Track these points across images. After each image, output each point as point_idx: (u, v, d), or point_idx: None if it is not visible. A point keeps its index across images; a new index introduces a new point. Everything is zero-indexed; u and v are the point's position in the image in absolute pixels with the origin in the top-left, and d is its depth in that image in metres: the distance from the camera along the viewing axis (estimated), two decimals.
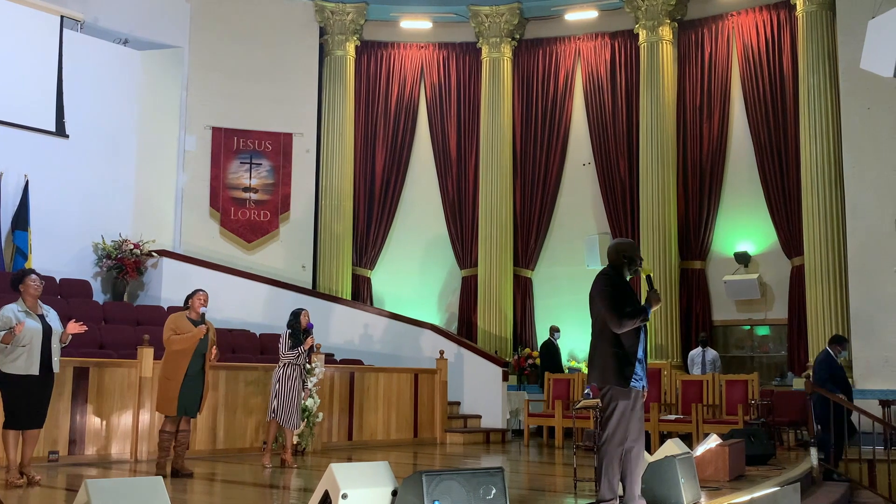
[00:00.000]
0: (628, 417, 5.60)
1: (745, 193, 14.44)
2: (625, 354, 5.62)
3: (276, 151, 15.22)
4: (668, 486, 5.98)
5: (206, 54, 14.82)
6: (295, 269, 15.04)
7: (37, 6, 13.15)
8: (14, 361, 6.98)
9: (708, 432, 9.64)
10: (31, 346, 7.02)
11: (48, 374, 7.20)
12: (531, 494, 7.23)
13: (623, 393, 5.59)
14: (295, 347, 9.03)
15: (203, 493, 7.33)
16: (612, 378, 5.62)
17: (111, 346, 10.80)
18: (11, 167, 12.50)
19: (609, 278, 5.80)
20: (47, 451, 8.56)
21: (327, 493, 4.77)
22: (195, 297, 8.25)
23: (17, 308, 7.12)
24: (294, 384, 9.01)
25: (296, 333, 9.10)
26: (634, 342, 5.67)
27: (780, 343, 14.28)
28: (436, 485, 4.66)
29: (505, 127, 15.64)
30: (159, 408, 8.06)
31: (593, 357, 5.78)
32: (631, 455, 5.60)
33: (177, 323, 8.04)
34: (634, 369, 5.63)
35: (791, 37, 14.09)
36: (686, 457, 6.32)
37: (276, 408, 8.96)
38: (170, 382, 7.89)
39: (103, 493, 3.92)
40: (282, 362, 9.06)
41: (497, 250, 15.38)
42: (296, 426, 9.10)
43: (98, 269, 13.34)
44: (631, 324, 5.62)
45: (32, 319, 7.13)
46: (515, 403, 13.61)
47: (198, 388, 8.02)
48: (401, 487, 4.80)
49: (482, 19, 15.78)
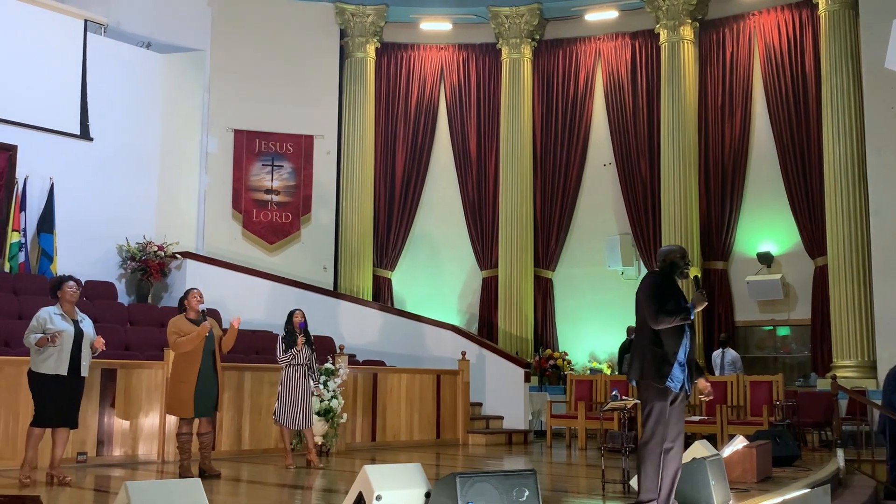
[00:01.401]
0: (667, 418, 5.60)
1: (768, 193, 14.38)
2: (663, 353, 5.65)
3: (298, 153, 15.28)
4: (698, 488, 5.97)
5: (227, 57, 14.90)
6: (316, 270, 15.09)
7: (61, 10, 13.26)
8: (44, 361, 7.15)
9: (733, 433, 9.64)
10: (62, 347, 7.16)
11: (77, 376, 7.29)
12: (558, 496, 7.22)
13: (660, 393, 5.61)
14: (289, 350, 8.99)
15: (229, 493, 7.37)
16: (648, 374, 5.66)
17: (136, 347, 10.87)
18: (37, 170, 12.60)
19: (655, 278, 5.87)
20: (76, 453, 8.64)
21: (361, 494, 4.80)
22: (189, 296, 8.15)
23: (53, 311, 7.30)
24: (297, 384, 8.96)
25: (290, 335, 9.06)
26: (675, 343, 5.69)
27: (802, 344, 14.22)
28: (469, 486, 4.68)
29: (525, 128, 15.64)
30: (174, 411, 8.02)
31: (633, 354, 5.85)
32: (668, 456, 5.61)
33: (178, 326, 7.98)
34: (672, 370, 5.63)
35: (813, 36, 14.02)
36: (716, 458, 6.32)
37: (276, 410, 8.97)
38: (183, 385, 7.87)
39: (143, 494, 3.97)
40: (282, 365, 9.03)
41: (517, 251, 15.38)
42: (303, 426, 9.03)
43: (122, 271, 13.42)
44: (669, 320, 5.63)
45: (66, 323, 7.29)
46: (537, 404, 13.62)
47: (212, 388, 8.01)
48: (434, 489, 4.82)
49: (502, 20, 15.79)
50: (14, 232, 12.14)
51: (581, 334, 15.28)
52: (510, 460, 10.50)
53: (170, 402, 8.05)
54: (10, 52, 12.59)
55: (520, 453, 11.26)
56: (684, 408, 5.81)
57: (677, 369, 5.67)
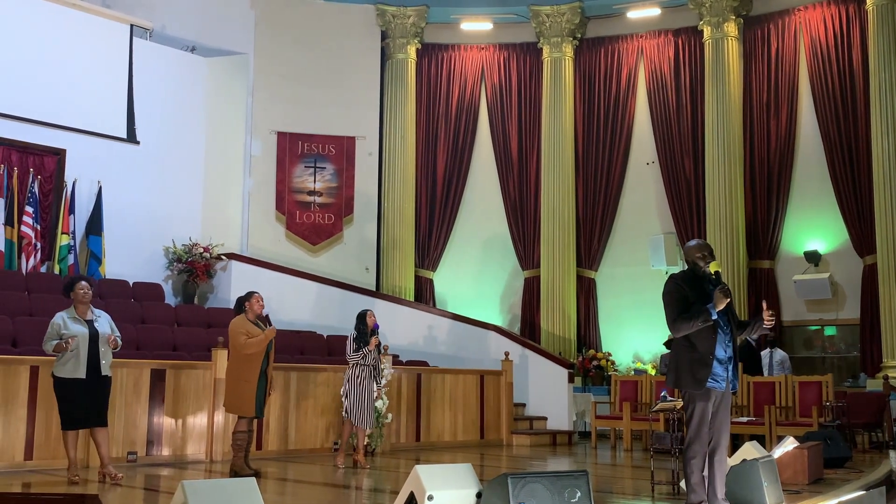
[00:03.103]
0: (709, 418, 5.53)
1: (815, 191, 14.16)
2: (699, 357, 5.55)
3: (340, 155, 15.36)
4: (750, 489, 5.91)
5: (270, 60, 15.03)
6: (359, 270, 15.16)
7: (107, 16, 13.46)
8: (64, 365, 7.32)
9: (782, 435, 9.51)
10: (78, 350, 7.29)
11: (97, 376, 7.39)
12: (606, 497, 7.18)
13: (699, 394, 5.53)
14: (360, 349, 9.10)
15: (276, 492, 7.43)
16: (684, 382, 5.58)
17: (183, 348, 11.01)
18: (85, 174, 12.80)
19: (675, 280, 5.77)
20: (126, 452, 8.76)
21: (413, 494, 4.81)
22: (252, 299, 8.31)
23: (66, 315, 7.44)
24: (364, 383, 9.06)
25: (362, 335, 9.17)
26: (709, 343, 5.56)
27: (850, 343, 13.98)
28: (521, 487, 4.66)
29: (567, 127, 15.57)
30: (235, 409, 8.13)
31: (670, 359, 5.75)
32: (714, 457, 5.54)
33: (246, 327, 8.13)
34: (711, 370, 5.53)
35: (861, 31, 13.78)
36: (768, 460, 6.24)
37: (348, 408, 9.04)
38: (247, 384, 7.99)
39: (199, 493, 4.01)
40: (350, 363, 9.14)
41: (560, 251, 15.31)
42: (369, 425, 9.17)
43: (169, 273, 13.59)
44: (687, 326, 5.55)
45: (80, 325, 7.40)
46: (581, 405, 13.54)
47: (263, 389, 8.16)
48: (485, 489, 4.82)
49: (543, 19, 15.73)
50: (63, 234, 12.34)
51: (624, 335, 15.17)
52: (555, 461, 10.46)
53: (232, 400, 8.15)
54: (58, 58, 12.81)
55: (564, 454, 11.22)
56: (729, 406, 5.69)
57: (718, 368, 5.55)
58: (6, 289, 11.03)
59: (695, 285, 5.73)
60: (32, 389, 8.29)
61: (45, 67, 12.63)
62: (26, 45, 12.54)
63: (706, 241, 5.91)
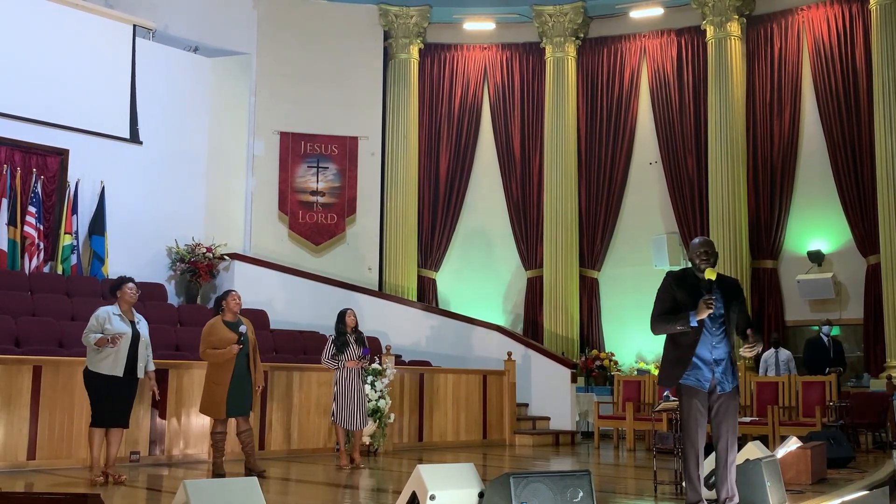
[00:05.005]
0: (701, 418, 5.48)
1: (818, 190, 14.15)
2: (677, 357, 5.53)
3: (342, 155, 15.36)
4: (753, 489, 5.89)
5: (273, 60, 15.03)
6: (361, 270, 15.16)
7: (110, 16, 13.47)
8: (102, 361, 7.25)
9: (785, 435, 9.49)
10: (120, 348, 7.26)
11: (132, 377, 7.39)
12: (608, 497, 7.17)
13: (687, 393, 5.51)
14: (340, 352, 8.89)
15: (279, 492, 7.43)
16: (662, 379, 5.63)
17: (186, 348, 11.00)
18: (88, 174, 12.81)
19: (667, 279, 5.77)
20: (128, 452, 8.75)
21: (415, 494, 4.80)
22: (228, 298, 8.12)
23: (112, 310, 7.39)
24: (352, 385, 8.92)
25: (341, 337, 8.97)
26: (690, 343, 5.49)
27: (853, 343, 13.95)
28: (523, 487, 4.66)
29: (569, 126, 15.56)
30: (207, 411, 8.10)
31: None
32: (718, 459, 5.52)
33: (213, 333, 8.00)
34: (687, 370, 5.47)
35: (864, 30, 13.77)
36: (771, 460, 6.22)
37: (335, 411, 8.98)
38: (217, 387, 7.94)
39: (201, 493, 4.01)
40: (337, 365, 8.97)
41: (562, 251, 15.30)
42: (358, 427, 9.03)
43: (171, 273, 13.58)
44: (662, 328, 5.56)
45: (125, 324, 7.38)
46: (583, 405, 13.53)
47: (246, 387, 8.03)
48: (488, 489, 4.81)
49: (546, 19, 15.73)
50: (66, 234, 12.35)
51: (627, 335, 15.14)
52: (558, 461, 10.45)
53: (204, 402, 8.13)
54: (61, 58, 12.81)
55: (567, 454, 11.21)
56: (731, 407, 5.56)
57: (704, 369, 5.49)
58: (9, 289, 11.04)
59: (687, 286, 5.65)
60: (35, 389, 8.30)
61: (48, 68, 12.64)
62: (29, 45, 12.55)
63: (710, 240, 5.85)
